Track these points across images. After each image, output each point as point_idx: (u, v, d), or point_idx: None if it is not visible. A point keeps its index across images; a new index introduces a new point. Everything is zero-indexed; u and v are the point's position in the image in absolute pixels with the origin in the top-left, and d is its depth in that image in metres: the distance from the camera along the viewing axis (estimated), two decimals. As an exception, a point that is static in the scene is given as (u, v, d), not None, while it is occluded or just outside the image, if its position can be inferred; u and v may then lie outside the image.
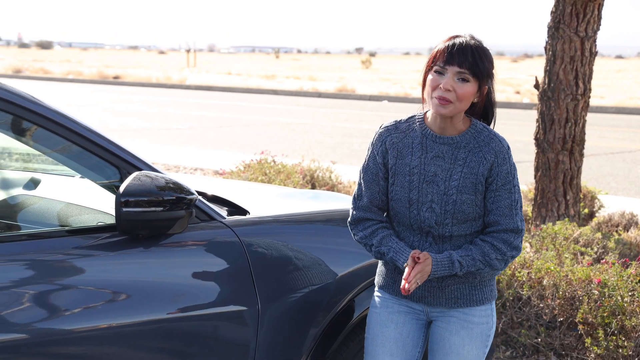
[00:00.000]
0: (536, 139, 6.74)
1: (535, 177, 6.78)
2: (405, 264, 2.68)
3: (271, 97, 30.24)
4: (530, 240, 5.70)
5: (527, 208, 7.21)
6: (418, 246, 2.75)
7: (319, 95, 31.35)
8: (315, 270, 3.15)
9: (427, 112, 2.78)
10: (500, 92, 32.03)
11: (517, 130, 18.87)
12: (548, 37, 6.66)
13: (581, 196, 7.04)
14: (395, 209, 2.76)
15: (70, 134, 2.74)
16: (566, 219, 6.30)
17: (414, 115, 2.80)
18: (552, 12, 6.64)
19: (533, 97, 27.88)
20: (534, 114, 8.31)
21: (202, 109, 23.35)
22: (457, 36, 2.70)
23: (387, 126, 2.80)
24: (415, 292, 2.79)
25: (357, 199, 2.83)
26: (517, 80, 42.22)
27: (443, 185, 2.69)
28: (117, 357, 2.67)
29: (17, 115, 2.68)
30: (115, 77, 39.59)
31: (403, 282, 2.63)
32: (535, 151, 6.76)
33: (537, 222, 6.64)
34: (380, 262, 2.92)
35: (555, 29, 6.58)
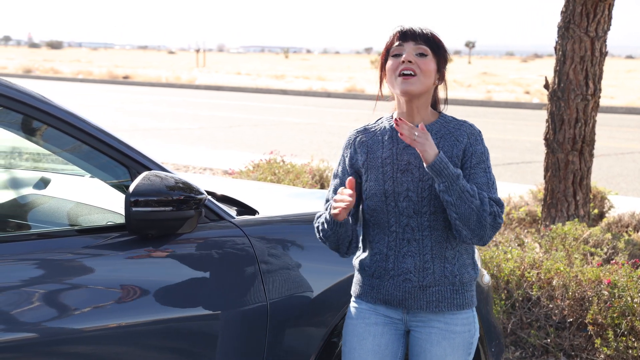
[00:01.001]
0: (546, 139, 6.72)
1: (544, 178, 6.76)
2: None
3: (280, 97, 30.25)
4: (539, 241, 5.69)
5: (537, 208, 7.20)
6: (395, 248, 2.68)
7: (328, 95, 31.35)
8: (324, 271, 3.15)
9: (394, 113, 2.77)
10: (510, 92, 31.98)
11: (526, 130, 18.83)
12: (558, 37, 6.64)
13: (591, 197, 7.02)
14: (372, 206, 2.69)
15: (80, 134, 2.74)
16: (576, 219, 6.28)
17: (382, 117, 2.81)
18: (562, 12, 6.62)
19: (543, 97, 27.82)
20: (543, 114, 8.27)
21: (211, 109, 23.39)
22: (403, 24, 2.75)
23: (357, 129, 2.81)
24: (395, 295, 2.70)
25: (325, 203, 2.80)
26: (527, 80, 42.13)
27: (418, 173, 2.65)
28: (126, 356, 2.68)
29: (28, 115, 2.69)
30: (125, 77, 39.69)
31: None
32: (545, 151, 6.75)
33: (547, 223, 6.62)
34: (355, 272, 2.83)
35: (565, 29, 6.56)
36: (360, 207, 2.78)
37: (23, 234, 2.92)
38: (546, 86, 6.73)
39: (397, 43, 2.69)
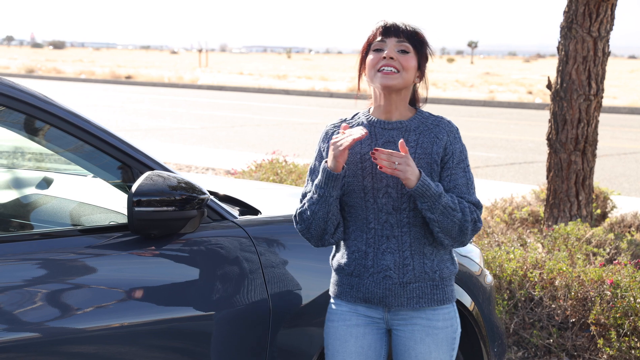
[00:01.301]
0: (548, 139, 6.72)
1: (547, 178, 6.76)
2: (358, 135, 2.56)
3: (283, 97, 30.26)
4: (542, 241, 5.68)
5: (539, 208, 7.20)
6: (374, 245, 2.67)
7: (331, 95, 31.35)
8: (327, 270, 3.15)
9: (370, 108, 2.76)
10: (513, 92, 31.97)
11: (529, 130, 18.82)
12: (561, 37, 6.64)
13: (593, 197, 7.01)
14: (350, 202, 2.67)
15: (82, 134, 2.75)
16: (578, 219, 6.28)
17: (359, 112, 2.79)
18: (564, 12, 6.61)
19: (545, 97, 27.81)
20: (546, 114, 8.29)
21: (213, 109, 23.40)
22: (386, 19, 2.73)
23: (333, 123, 2.78)
24: (376, 293, 2.68)
25: (302, 198, 2.73)
26: (530, 80, 42.11)
27: None
28: (128, 356, 2.68)
29: (31, 114, 2.69)
30: (128, 77, 39.72)
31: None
32: (548, 151, 6.74)
33: (549, 223, 6.62)
34: (333, 272, 2.80)
35: (568, 29, 6.56)
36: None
37: (26, 233, 2.93)
38: (549, 86, 6.72)
39: (379, 38, 2.67)
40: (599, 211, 7.35)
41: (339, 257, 2.75)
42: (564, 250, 5.37)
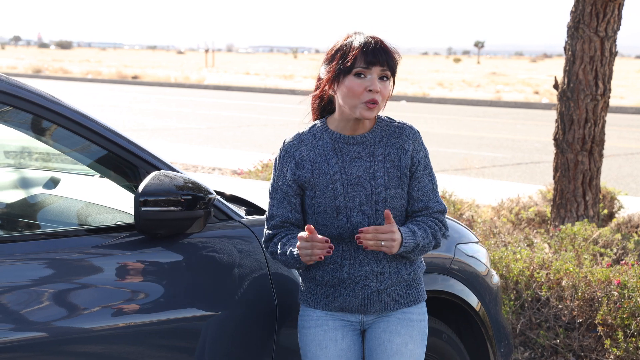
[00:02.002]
0: (555, 139, 6.70)
1: (554, 178, 6.75)
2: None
3: (289, 97, 30.27)
4: (549, 241, 5.67)
5: (546, 209, 7.18)
6: (350, 257, 2.66)
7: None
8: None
9: (327, 117, 2.71)
10: (519, 92, 31.91)
11: (535, 130, 18.79)
12: (567, 37, 6.63)
13: (600, 197, 7.00)
14: (321, 222, 2.64)
15: (89, 134, 2.75)
16: (585, 219, 6.26)
17: (314, 125, 2.72)
18: (571, 12, 6.60)
19: (552, 97, 27.76)
20: (553, 115, 8.27)
21: (220, 109, 23.41)
22: (358, 33, 2.63)
23: (291, 141, 2.70)
24: (354, 302, 2.67)
25: (269, 220, 2.73)
26: (536, 80, 42.04)
27: (369, 185, 2.61)
28: (134, 356, 2.68)
29: (38, 114, 2.70)
30: (134, 77, 39.77)
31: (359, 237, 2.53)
32: (554, 152, 6.73)
33: (556, 223, 6.61)
34: (302, 280, 2.78)
35: (574, 28, 6.55)
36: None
37: (33, 233, 2.93)
38: (555, 86, 6.71)
39: (362, 64, 2.56)
40: (605, 211, 7.33)
41: (312, 268, 2.72)
42: (570, 250, 5.36)
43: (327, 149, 2.66)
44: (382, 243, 2.52)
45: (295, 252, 2.61)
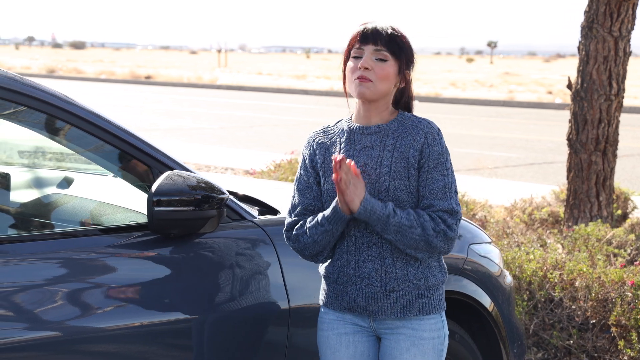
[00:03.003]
0: (569, 139, 6.68)
1: (567, 178, 6.72)
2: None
3: (302, 97, 30.27)
4: (562, 242, 5.65)
5: (559, 209, 7.16)
6: (355, 252, 2.61)
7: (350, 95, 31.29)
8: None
9: (352, 114, 2.71)
10: (532, 92, 31.81)
11: (549, 130, 18.73)
12: (581, 37, 6.60)
13: (614, 197, 6.97)
14: None
15: (103, 134, 2.76)
16: (599, 220, 6.24)
17: (342, 119, 2.74)
18: (585, 11, 6.58)
19: (565, 97, 27.65)
20: (566, 115, 8.24)
21: (233, 109, 23.45)
22: (369, 22, 2.65)
23: (316, 131, 2.74)
24: (359, 302, 2.62)
25: (292, 210, 2.70)
26: (550, 80, 41.89)
27: (374, 174, 2.58)
28: (148, 355, 2.69)
29: (52, 114, 2.71)
30: (147, 77, 39.88)
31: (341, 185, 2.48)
32: (568, 152, 6.71)
33: (570, 224, 6.58)
34: (323, 278, 2.74)
35: (588, 28, 6.52)
36: None
37: (47, 233, 2.95)
38: (569, 86, 6.69)
39: (357, 45, 2.61)
40: (619, 212, 7.30)
41: (326, 265, 2.70)
42: (584, 251, 5.34)
43: (342, 138, 2.66)
44: (350, 183, 2.48)
45: (332, 207, 2.56)
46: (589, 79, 6.52)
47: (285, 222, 2.72)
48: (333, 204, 2.57)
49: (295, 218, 2.69)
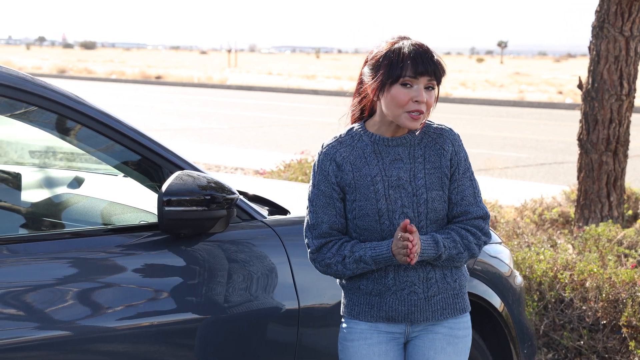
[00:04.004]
0: (579, 139, 6.66)
1: (578, 178, 6.70)
2: (399, 234, 2.46)
3: (311, 97, 30.28)
4: (572, 242, 5.64)
5: (570, 209, 7.14)
6: (395, 263, 2.57)
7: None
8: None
9: (365, 121, 2.65)
10: (543, 92, 31.74)
11: (559, 130, 18.68)
12: (592, 36, 6.58)
13: (625, 198, 6.94)
14: (362, 226, 2.57)
15: (114, 134, 2.77)
16: (609, 220, 6.22)
17: (352, 128, 2.66)
18: (596, 11, 6.56)
19: (576, 97, 27.58)
20: (576, 115, 8.24)
21: (242, 109, 23.47)
22: (405, 38, 2.58)
23: (330, 144, 2.63)
24: (400, 310, 2.60)
25: (313, 229, 2.60)
26: (560, 80, 41.79)
27: (410, 187, 2.56)
28: (158, 355, 2.70)
29: (63, 114, 2.72)
30: (158, 77, 39.96)
31: (408, 250, 2.43)
32: (579, 152, 6.69)
33: (580, 224, 6.57)
34: (345, 292, 2.68)
35: (599, 28, 6.50)
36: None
37: (57, 232, 2.96)
38: (580, 86, 6.67)
39: (410, 74, 2.51)
40: (630, 212, 7.27)
41: (355, 278, 2.64)
42: (594, 251, 5.32)
43: (366, 150, 2.60)
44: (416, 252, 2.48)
45: (384, 253, 2.53)
46: (600, 79, 6.50)
47: (308, 242, 2.62)
48: (385, 251, 2.52)
49: (322, 240, 2.60)
